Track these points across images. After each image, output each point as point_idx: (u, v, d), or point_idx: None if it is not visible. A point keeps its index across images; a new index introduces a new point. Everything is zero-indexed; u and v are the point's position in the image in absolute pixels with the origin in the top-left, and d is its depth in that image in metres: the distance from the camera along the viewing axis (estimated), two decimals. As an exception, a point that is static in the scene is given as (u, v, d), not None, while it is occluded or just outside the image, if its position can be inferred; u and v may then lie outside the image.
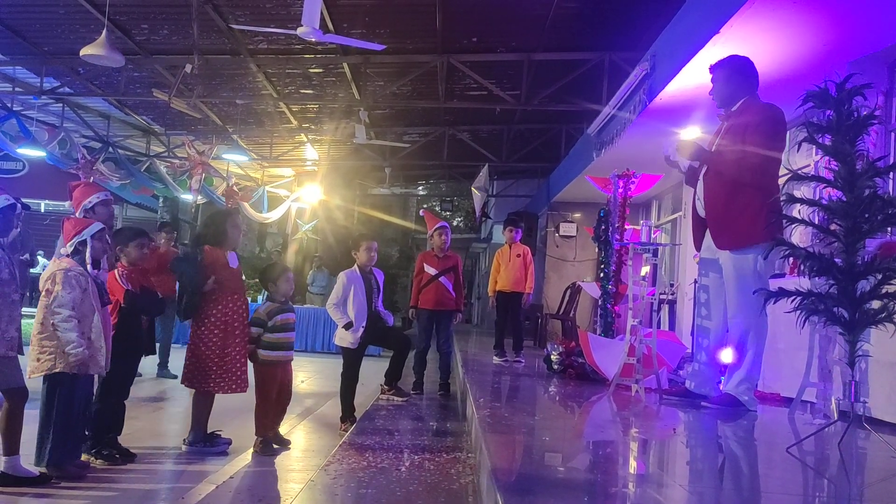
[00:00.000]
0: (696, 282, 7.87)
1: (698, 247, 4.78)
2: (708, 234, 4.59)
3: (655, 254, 5.20)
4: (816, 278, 3.47)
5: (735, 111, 4.49)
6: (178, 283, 4.91)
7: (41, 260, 11.67)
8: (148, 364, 6.93)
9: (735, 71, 4.52)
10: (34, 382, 4.03)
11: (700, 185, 4.70)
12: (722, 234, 4.46)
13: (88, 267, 4.12)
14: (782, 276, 5.46)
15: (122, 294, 4.52)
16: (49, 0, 9.49)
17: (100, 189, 4.99)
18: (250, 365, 4.94)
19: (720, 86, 4.54)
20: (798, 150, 4.13)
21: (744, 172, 4.32)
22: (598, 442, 3.65)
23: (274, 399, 4.93)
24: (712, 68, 4.62)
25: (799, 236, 5.21)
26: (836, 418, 3.67)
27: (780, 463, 3.21)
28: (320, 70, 11.96)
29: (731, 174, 4.40)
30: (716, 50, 5.55)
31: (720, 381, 4.66)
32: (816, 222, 3.60)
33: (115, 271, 4.61)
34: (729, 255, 4.43)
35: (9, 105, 13.33)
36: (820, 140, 3.44)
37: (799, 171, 3.69)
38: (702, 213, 4.62)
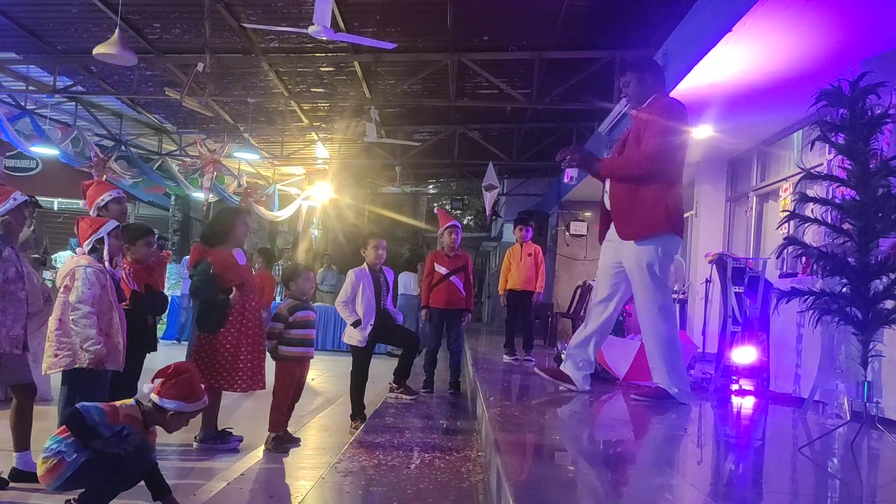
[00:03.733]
0: (707, 280, 7.86)
1: (602, 238, 4.82)
2: (613, 225, 4.59)
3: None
4: (829, 278, 3.44)
5: (644, 108, 4.53)
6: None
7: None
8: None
9: (647, 70, 4.64)
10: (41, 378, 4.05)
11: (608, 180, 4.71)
12: (625, 225, 4.48)
13: (106, 263, 4.15)
14: (794, 275, 5.44)
15: (129, 295, 4.55)
16: (62, -1, 9.56)
17: (112, 187, 5.02)
18: (269, 363, 4.96)
19: (635, 85, 4.59)
20: (811, 149, 4.10)
21: (643, 163, 4.36)
22: (609, 441, 3.64)
23: (291, 396, 4.95)
24: (623, 70, 4.73)
25: (812, 235, 5.17)
26: (848, 418, 3.65)
27: (793, 463, 3.20)
28: (331, 69, 11.97)
29: (633, 167, 4.43)
30: (728, 48, 5.53)
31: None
32: (829, 221, 3.57)
33: (122, 269, 4.63)
34: (633, 247, 4.43)
35: (22, 104, 13.42)
36: (833, 139, 3.42)
37: (812, 170, 3.66)
38: (608, 205, 4.63)
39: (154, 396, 3.41)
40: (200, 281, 4.78)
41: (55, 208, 17.16)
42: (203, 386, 4.77)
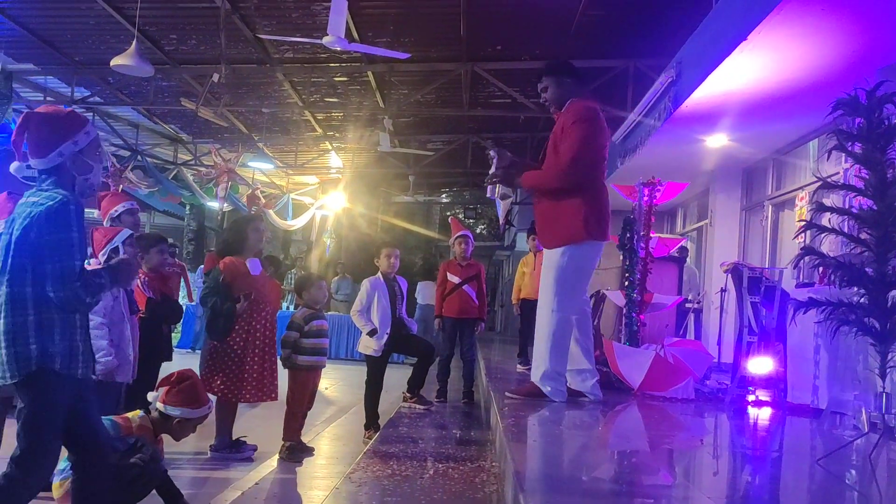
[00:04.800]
0: (722, 290, 7.81)
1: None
2: None
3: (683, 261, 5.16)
4: (847, 288, 3.42)
5: (563, 113, 4.48)
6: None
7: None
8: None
9: (566, 73, 4.57)
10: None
11: None
12: (545, 234, 4.47)
13: None
14: (811, 285, 5.40)
15: (144, 303, 4.58)
16: (80, 11, 9.65)
17: (126, 199, 5.06)
18: (282, 372, 4.97)
19: (553, 90, 4.53)
20: (828, 158, 4.07)
21: (561, 177, 4.33)
22: (624, 452, 3.62)
23: (305, 404, 4.96)
24: (540, 76, 4.64)
25: (829, 245, 5.14)
26: (867, 430, 3.61)
27: (811, 475, 3.16)
28: (345, 78, 12.03)
29: (551, 180, 4.42)
30: (743, 57, 5.51)
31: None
32: (846, 231, 3.55)
33: (138, 278, 4.66)
34: (552, 251, 4.45)
35: (40, 114, 13.56)
36: (850, 148, 3.41)
37: (828, 180, 3.64)
38: None
39: (159, 405, 3.42)
40: (208, 288, 4.84)
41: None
42: (208, 392, 4.83)
